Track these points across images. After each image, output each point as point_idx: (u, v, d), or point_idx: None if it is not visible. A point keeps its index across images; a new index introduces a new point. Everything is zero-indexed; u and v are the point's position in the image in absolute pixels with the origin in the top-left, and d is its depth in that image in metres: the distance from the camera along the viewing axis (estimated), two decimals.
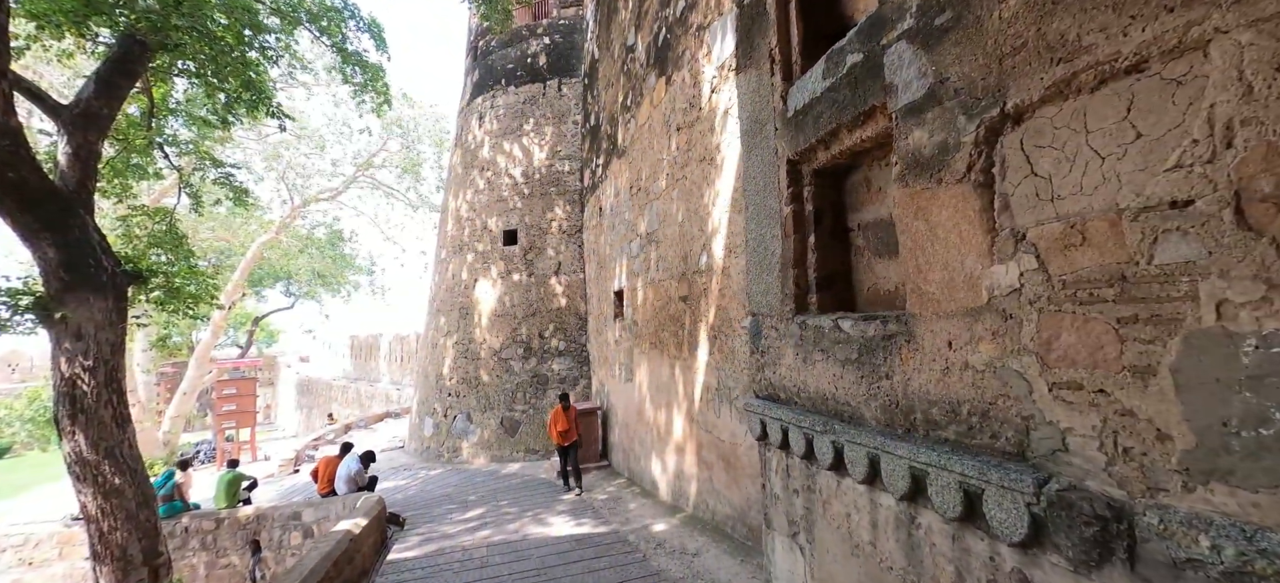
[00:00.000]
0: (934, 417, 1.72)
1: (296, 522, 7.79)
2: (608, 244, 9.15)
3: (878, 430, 1.94)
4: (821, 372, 2.27)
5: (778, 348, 2.59)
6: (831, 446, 2.14)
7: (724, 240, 4.89)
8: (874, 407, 1.98)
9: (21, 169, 5.07)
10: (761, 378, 2.73)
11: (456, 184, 12.81)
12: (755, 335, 2.79)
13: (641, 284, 7.34)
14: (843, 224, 2.51)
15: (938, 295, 1.70)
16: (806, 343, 2.36)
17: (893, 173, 1.87)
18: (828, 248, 2.47)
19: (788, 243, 2.52)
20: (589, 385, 10.80)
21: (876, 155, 2.28)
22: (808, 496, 2.40)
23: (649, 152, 7.04)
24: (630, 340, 7.85)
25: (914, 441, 1.78)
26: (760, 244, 2.73)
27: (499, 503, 7.40)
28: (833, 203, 2.51)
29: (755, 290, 2.79)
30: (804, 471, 2.41)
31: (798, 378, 2.44)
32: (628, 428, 8.03)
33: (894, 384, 1.88)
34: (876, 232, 2.33)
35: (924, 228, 1.74)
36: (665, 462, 6.46)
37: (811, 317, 2.38)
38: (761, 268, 2.73)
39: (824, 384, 2.26)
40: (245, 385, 21.42)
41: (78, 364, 5.22)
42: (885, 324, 1.93)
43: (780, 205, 2.57)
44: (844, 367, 2.14)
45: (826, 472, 2.24)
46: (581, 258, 11.39)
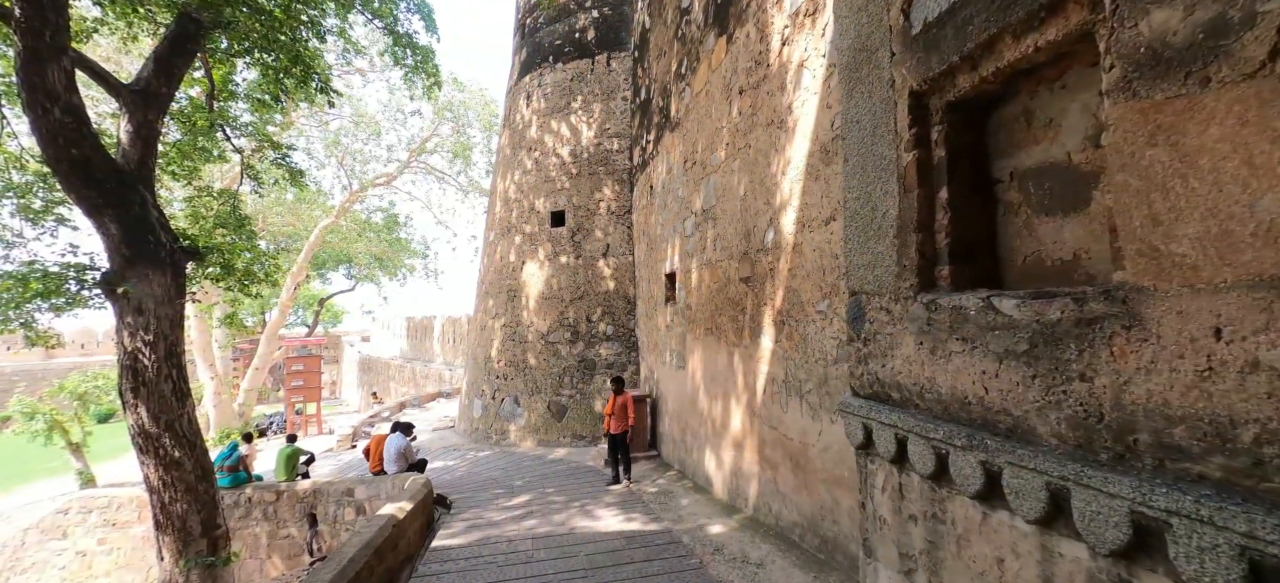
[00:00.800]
0: (1176, 440, 1.15)
1: (350, 498, 7.88)
2: (659, 224, 8.67)
3: (1064, 453, 1.38)
4: (961, 367, 1.71)
5: (890, 335, 2.04)
6: (981, 468, 1.59)
7: (796, 213, 4.30)
8: (1054, 419, 1.42)
9: (85, 146, 5.15)
10: (864, 372, 2.19)
11: (504, 165, 12.65)
12: (856, 319, 2.24)
13: (696, 265, 6.82)
14: (985, 174, 1.92)
15: (1194, 258, 1.12)
16: (937, 329, 1.81)
17: (1108, 81, 1.28)
18: (965, 205, 1.88)
19: (908, 200, 1.95)
20: (637, 371, 10.43)
21: (1047, 74, 1.68)
22: (932, 526, 1.86)
23: (706, 121, 6.47)
24: (683, 326, 7.37)
25: (1137, 473, 1.22)
26: (865, 205, 2.17)
27: (545, 490, 7.17)
28: (971, 146, 1.92)
29: (857, 263, 2.23)
30: (928, 494, 1.87)
31: (921, 374, 1.88)
32: (679, 418, 7.59)
33: (1096, 389, 1.31)
34: (1043, 181, 1.73)
35: (1168, 158, 1.16)
36: (721, 457, 5.98)
37: (943, 295, 1.82)
38: (866, 235, 2.17)
39: (965, 384, 1.70)
40: (311, 362, 22.60)
41: (139, 339, 5.30)
42: (1081, 303, 1.36)
43: (897, 152, 2.00)
44: (1001, 362, 1.57)
45: (967, 500, 1.70)
46: (630, 240, 10.97)
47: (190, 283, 6.47)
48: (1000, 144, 1.87)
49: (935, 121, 1.91)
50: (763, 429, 4.93)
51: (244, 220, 9.64)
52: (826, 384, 3.89)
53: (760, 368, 4.97)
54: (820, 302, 3.97)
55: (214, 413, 19.07)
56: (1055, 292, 1.46)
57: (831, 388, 3.83)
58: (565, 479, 7.78)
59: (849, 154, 2.28)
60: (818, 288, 4.00)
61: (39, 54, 4.81)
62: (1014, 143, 1.83)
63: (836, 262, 3.77)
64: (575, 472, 8.21)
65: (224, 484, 8.17)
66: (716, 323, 6.08)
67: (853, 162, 2.25)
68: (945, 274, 1.88)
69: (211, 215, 9.00)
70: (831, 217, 3.82)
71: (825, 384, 3.91)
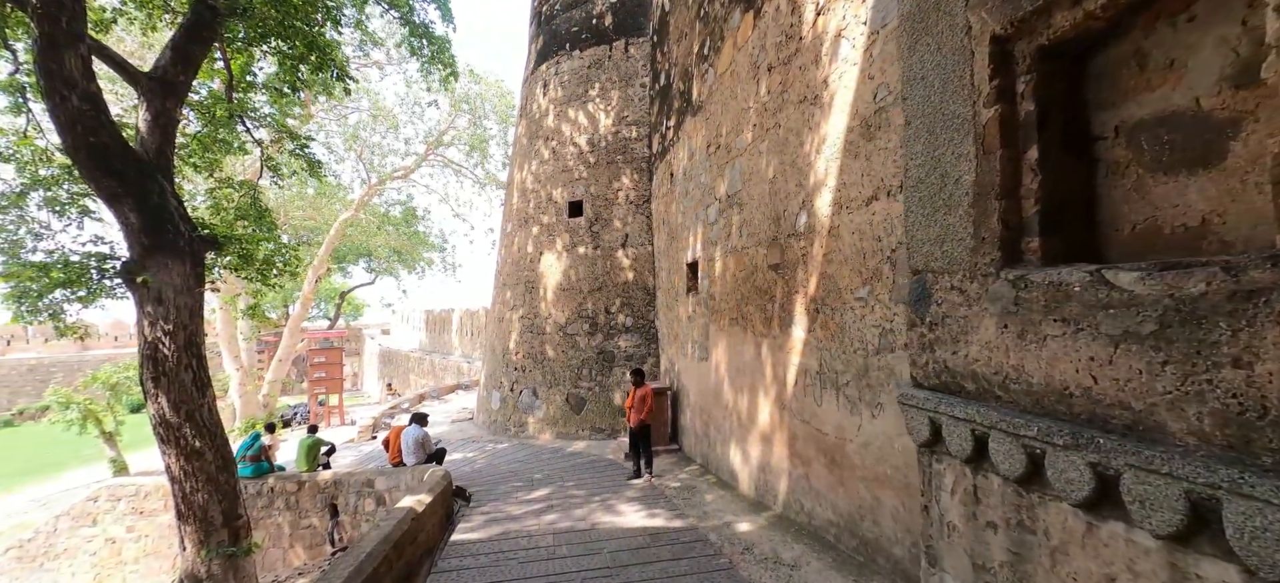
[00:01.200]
0: None
1: (370, 489, 7.86)
2: (680, 212, 8.43)
3: (1209, 455, 1.14)
4: (1060, 353, 1.47)
5: (963, 318, 1.80)
6: (1091, 471, 1.35)
7: (832, 194, 4.03)
8: (1194, 414, 1.18)
9: (103, 134, 5.10)
10: (930, 361, 1.95)
11: (521, 156, 12.51)
12: (920, 301, 2.00)
13: (720, 253, 6.58)
14: (1081, 130, 1.66)
15: None
16: (1026, 309, 1.56)
17: None
18: (1058, 167, 1.63)
19: (988, 163, 1.70)
20: (657, 363, 10.24)
21: (1170, 4, 1.41)
22: (1017, 536, 1.62)
23: (731, 103, 6.21)
24: (706, 316, 7.14)
25: None
26: (932, 172, 1.92)
27: (565, 484, 7.03)
28: (1065, 98, 1.66)
29: (922, 239, 1.99)
30: (1013, 499, 1.63)
31: (1004, 362, 1.64)
32: (702, 411, 7.38)
33: (1257, 377, 1.07)
34: (1160, 134, 1.47)
35: None
36: (747, 452, 5.75)
37: (1034, 269, 1.57)
38: (933, 206, 1.92)
39: (1065, 372, 1.46)
40: (333, 354, 22.92)
41: (159, 328, 5.27)
42: (1235, 274, 1.11)
43: (974, 110, 1.75)
44: (1117, 346, 1.33)
45: (1066, 508, 1.46)
46: (649, 229, 10.75)
47: (209, 272, 6.45)
48: (1103, 94, 1.61)
49: (1022, 71, 1.66)
50: (794, 423, 4.70)
51: (264, 212, 9.67)
52: (867, 376, 3.64)
53: (791, 359, 4.73)
54: (860, 288, 3.72)
55: (239, 404, 19.42)
56: (1194, 261, 1.21)
57: (872, 380, 3.58)
58: (585, 473, 7.64)
59: (912, 116, 2.02)
60: (857, 274, 3.74)
61: (56, 40, 4.75)
62: (1121, 91, 1.57)
63: (879, 245, 3.51)
64: (595, 465, 8.07)
65: (246, 474, 8.21)
66: (743, 313, 5.84)
67: (917, 124, 2.00)
68: (1034, 246, 1.63)
69: (233, 207, 9.03)
70: (873, 196, 3.55)
71: (865, 376, 3.66)
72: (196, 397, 5.41)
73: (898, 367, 3.34)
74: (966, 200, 1.78)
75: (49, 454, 23.56)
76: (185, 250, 5.48)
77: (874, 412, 3.57)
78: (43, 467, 22.31)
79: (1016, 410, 1.59)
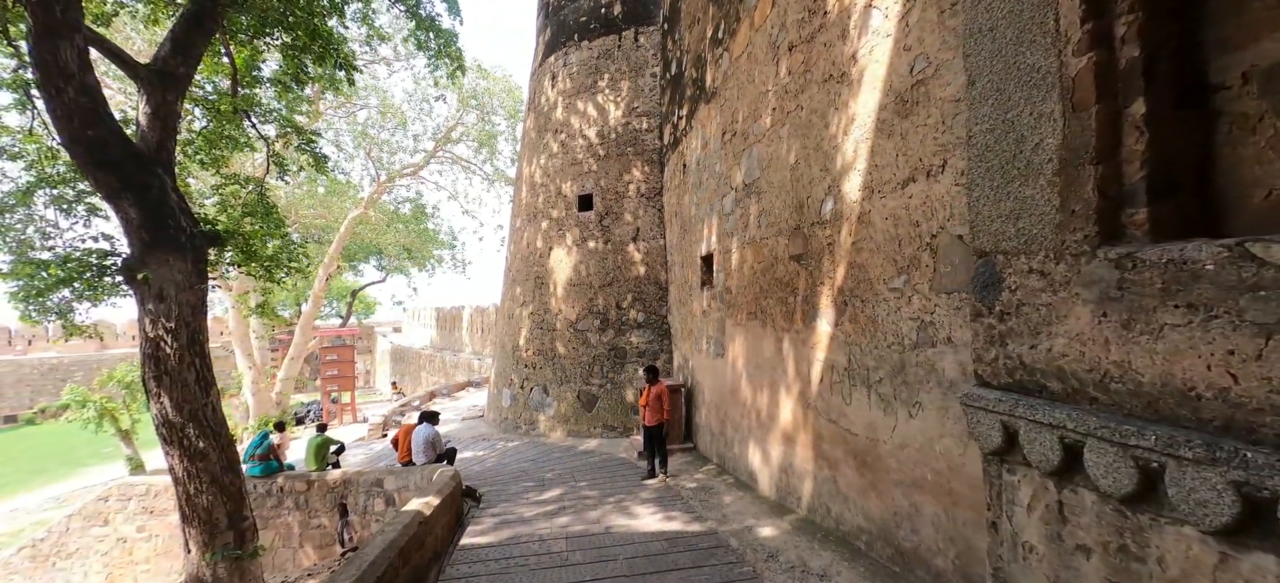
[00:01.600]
0: None
1: (379, 489, 7.72)
2: (693, 204, 8.17)
3: None
4: (1182, 346, 1.21)
5: (1046, 306, 1.54)
6: (1234, 491, 1.09)
7: (862, 178, 3.76)
8: None
9: (101, 127, 4.96)
10: (1001, 356, 1.69)
11: (530, 149, 12.31)
12: (987, 288, 1.74)
13: (737, 245, 6.32)
14: (1195, 80, 1.39)
15: None
16: (1134, 294, 1.30)
17: None
18: (1167, 124, 1.36)
19: (1079, 122, 1.44)
20: (670, 360, 10.00)
21: None
22: (1120, 564, 1.37)
23: (747, 88, 5.93)
24: (721, 311, 6.89)
25: None
26: (1004, 136, 1.66)
27: (577, 484, 6.83)
28: (1175, 41, 1.39)
29: (989, 216, 1.73)
30: (1112, 519, 1.38)
31: (1102, 356, 1.38)
32: (718, 409, 7.13)
33: None
34: None
35: None
36: (768, 451, 5.50)
37: (1143, 246, 1.31)
38: (1005, 175, 1.66)
39: (1189, 370, 1.20)
40: (345, 352, 23.01)
41: (161, 326, 5.13)
42: None
43: (1058, 60, 1.48)
44: (1270, 338, 1.07)
45: (1192, 533, 1.20)
46: (661, 223, 10.50)
47: (212, 269, 6.32)
48: (1226, 33, 1.34)
49: (1122, 10, 1.39)
50: (819, 423, 4.44)
51: (272, 208, 9.57)
52: (903, 373, 3.37)
53: (816, 355, 4.46)
54: (894, 278, 3.44)
55: (253, 402, 19.52)
56: None
57: (909, 377, 3.31)
58: (598, 472, 7.43)
59: (976, 74, 1.76)
60: (891, 262, 3.47)
61: (51, 30, 4.61)
62: (1250, 31, 1.30)
63: (916, 230, 3.23)
64: (608, 464, 7.86)
65: (255, 473, 8.13)
66: (762, 307, 5.58)
67: (984, 83, 1.73)
68: (1140, 219, 1.36)
69: (240, 204, 8.93)
70: (910, 178, 3.27)
71: (901, 373, 3.39)
72: (200, 396, 5.27)
73: (940, 363, 3.07)
74: (1050, 168, 1.51)
75: (69, 452, 23.94)
76: (186, 246, 5.34)
77: (912, 411, 3.30)
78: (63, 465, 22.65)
79: (1121, 415, 1.33)
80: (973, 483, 2.87)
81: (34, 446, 27.04)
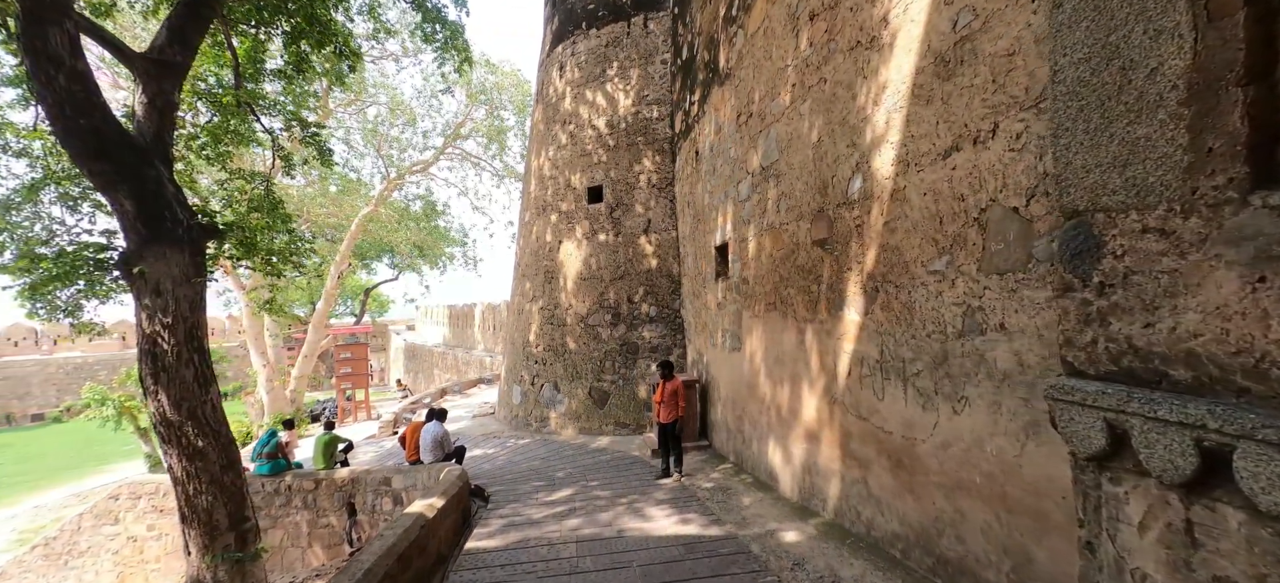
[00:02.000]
0: None
1: (387, 488, 7.55)
2: (706, 192, 7.85)
3: None
4: None
5: (1169, 272, 1.21)
6: None
7: (895, 151, 3.42)
8: None
9: (94, 116, 4.80)
10: (1102, 338, 1.37)
11: (538, 142, 12.07)
12: (1081, 255, 1.42)
13: (753, 233, 5.99)
14: None
15: None
16: None
17: None
18: None
19: (1219, 32, 1.11)
20: (683, 355, 9.70)
21: None
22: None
23: (764, 65, 5.60)
24: (738, 302, 6.57)
25: None
26: (1106, 64, 1.34)
27: (588, 483, 6.58)
28: None
29: (1083, 165, 1.40)
30: (1272, 547, 1.06)
31: (1260, 335, 1.06)
32: (734, 405, 6.82)
33: None
34: None
35: None
36: (789, 450, 5.18)
37: None
38: (1107, 113, 1.34)
39: None
40: (359, 350, 23.03)
41: (158, 322, 4.96)
42: None
43: None
44: None
45: None
46: (673, 213, 10.19)
47: (212, 263, 6.16)
48: None
49: None
50: (847, 419, 4.11)
51: (278, 203, 9.45)
52: (945, 365, 3.04)
53: (843, 346, 4.14)
54: (935, 260, 3.11)
55: (267, 399, 19.64)
56: None
57: (954, 370, 2.98)
58: (610, 471, 7.17)
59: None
60: (930, 242, 3.14)
61: (39, 16, 4.45)
62: None
63: (961, 205, 2.90)
64: (620, 463, 7.59)
65: (263, 472, 8.02)
66: (782, 296, 5.26)
67: (1074, 3, 1.40)
68: None
69: (246, 199, 8.81)
70: (953, 146, 2.93)
71: (943, 365, 3.06)
72: (199, 393, 5.10)
73: (990, 353, 2.73)
74: (1173, 97, 1.19)
75: (94, 449, 24.37)
76: (184, 239, 5.16)
77: (956, 407, 2.97)
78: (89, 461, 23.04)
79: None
80: (1032, 488, 2.54)
81: (60, 443, 27.62)
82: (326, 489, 7.91)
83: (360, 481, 7.80)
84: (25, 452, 26.02)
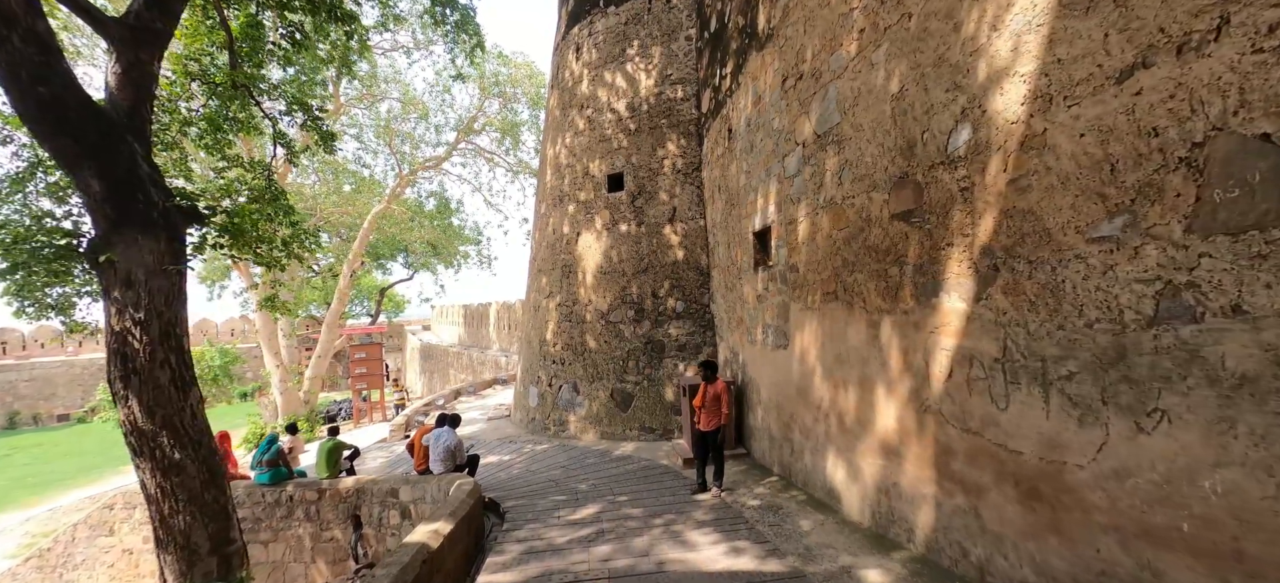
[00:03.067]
0: None
1: (394, 500, 6.91)
2: (742, 172, 7.06)
3: None
4: None
5: None
6: None
7: (1029, 83, 2.61)
8: None
9: (54, 83, 4.19)
10: None
11: (554, 129, 11.37)
12: None
13: (805, 212, 5.19)
14: None
15: None
16: None
17: None
18: None
19: None
20: (714, 353, 8.92)
21: None
22: None
23: (819, 15, 4.79)
24: (783, 293, 5.77)
25: None
26: None
27: (616, 498, 5.85)
28: None
29: None
30: None
31: None
32: (779, 410, 6.03)
33: None
34: None
35: None
36: (856, 465, 4.38)
37: None
38: None
39: None
40: (373, 350, 22.62)
41: (128, 317, 4.35)
42: None
43: None
44: None
45: None
46: (701, 200, 9.41)
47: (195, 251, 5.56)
48: None
49: None
50: (946, 433, 3.31)
51: (280, 194, 8.90)
52: (1122, 364, 2.23)
53: (939, 342, 3.33)
54: (1101, 222, 2.30)
55: (281, 401, 19.30)
56: None
57: (1137, 371, 2.17)
58: (639, 483, 6.43)
59: None
60: (1093, 199, 2.33)
61: None
62: None
63: (1153, 143, 2.09)
64: (649, 473, 6.85)
65: (263, 481, 7.44)
66: (845, 284, 4.45)
67: None
68: None
69: (246, 189, 8.27)
70: (1137, 62, 2.12)
71: (1117, 365, 2.25)
72: (175, 399, 4.47)
73: (1212, 348, 1.92)
74: None
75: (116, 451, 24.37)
76: (158, 223, 4.54)
77: (1142, 422, 2.16)
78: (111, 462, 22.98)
79: None
80: None
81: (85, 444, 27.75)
82: (330, 500, 7.30)
83: (366, 491, 7.17)
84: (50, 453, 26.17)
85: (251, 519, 7.49)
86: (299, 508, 7.40)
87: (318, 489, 7.34)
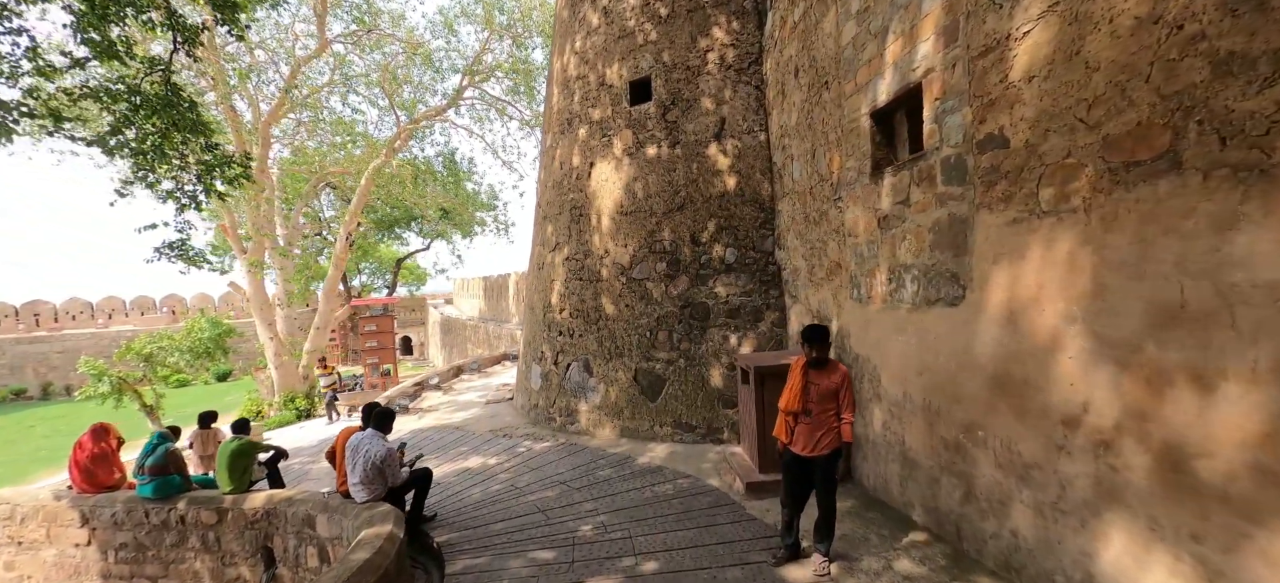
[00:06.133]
0: None
1: (311, 533, 4.65)
2: (846, 18, 4.30)
3: None
4: None
5: None
6: None
7: None
8: None
9: None
10: None
11: (562, 37, 8.69)
12: None
13: (1021, 26, 2.46)
14: None
15: None
16: None
17: None
18: None
19: None
20: (780, 322, 6.32)
21: None
22: None
23: None
24: (956, 201, 3.08)
25: None
26: None
27: (637, 557, 3.40)
28: None
29: None
30: None
31: None
32: (935, 418, 3.40)
33: None
34: None
35: None
36: (1207, 558, 1.75)
37: None
38: None
39: None
40: (384, 322, 20.78)
41: None
42: None
43: None
44: None
45: None
46: (761, 106, 6.68)
47: None
48: None
49: None
50: None
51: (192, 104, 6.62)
52: None
53: None
54: None
55: (277, 377, 17.67)
56: None
57: None
58: (676, 525, 3.97)
59: None
60: None
61: None
62: None
63: None
64: (691, 507, 4.37)
65: (145, 494, 5.31)
66: (1177, 147, 1.75)
67: None
68: None
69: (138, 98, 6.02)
70: None
71: None
72: None
73: None
74: None
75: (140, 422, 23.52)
76: None
77: None
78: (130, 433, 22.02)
79: None
80: None
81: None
82: (233, 525, 5.11)
83: (278, 515, 4.94)
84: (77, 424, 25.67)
85: (133, 546, 5.40)
86: (193, 533, 5.25)
87: (217, 509, 5.15)
